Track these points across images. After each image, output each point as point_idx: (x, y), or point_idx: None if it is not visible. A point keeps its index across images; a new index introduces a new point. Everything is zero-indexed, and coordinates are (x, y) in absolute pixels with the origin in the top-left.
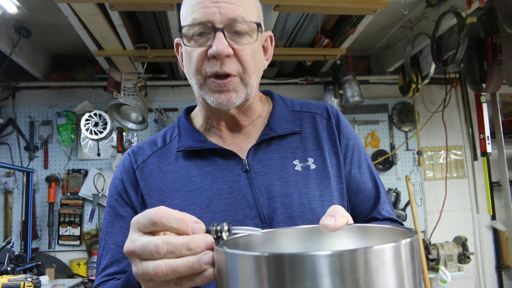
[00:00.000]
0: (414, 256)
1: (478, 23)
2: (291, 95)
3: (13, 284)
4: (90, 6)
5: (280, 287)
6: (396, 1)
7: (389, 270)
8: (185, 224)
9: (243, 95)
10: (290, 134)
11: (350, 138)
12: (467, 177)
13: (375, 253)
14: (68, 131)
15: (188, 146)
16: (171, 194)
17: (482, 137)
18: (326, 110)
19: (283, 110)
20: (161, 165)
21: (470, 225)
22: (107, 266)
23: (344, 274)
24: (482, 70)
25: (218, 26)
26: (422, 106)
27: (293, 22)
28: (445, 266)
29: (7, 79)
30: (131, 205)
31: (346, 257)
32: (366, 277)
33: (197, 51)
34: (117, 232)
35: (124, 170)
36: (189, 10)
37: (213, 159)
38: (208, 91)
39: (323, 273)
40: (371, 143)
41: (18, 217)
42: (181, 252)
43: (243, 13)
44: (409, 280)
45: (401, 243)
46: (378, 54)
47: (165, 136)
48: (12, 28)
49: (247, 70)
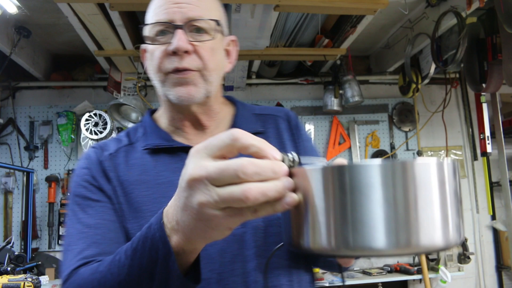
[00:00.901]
0: (456, 176)
1: (478, 23)
2: (291, 95)
3: (13, 284)
4: (90, 6)
5: (344, 191)
6: (396, 1)
7: (434, 183)
8: (266, 145)
9: (203, 90)
10: (254, 134)
11: (308, 140)
12: (467, 177)
13: (422, 166)
14: (68, 131)
15: (155, 145)
16: (139, 185)
17: (482, 137)
18: (286, 114)
19: (246, 112)
20: (128, 159)
21: (470, 225)
22: (83, 249)
23: (395, 182)
24: (482, 70)
25: (178, 24)
26: (422, 106)
27: (293, 22)
28: (445, 266)
29: (7, 79)
30: (104, 191)
31: (397, 166)
32: (414, 186)
33: (159, 50)
34: (91, 216)
35: (90, 162)
36: (152, 13)
37: (181, 156)
38: (169, 86)
39: (376, 179)
40: (371, 143)
41: (18, 217)
42: (267, 175)
43: (202, 12)
44: (451, 194)
45: (445, 161)
46: (378, 54)
47: (129, 135)
48: (12, 28)
49: (207, 66)
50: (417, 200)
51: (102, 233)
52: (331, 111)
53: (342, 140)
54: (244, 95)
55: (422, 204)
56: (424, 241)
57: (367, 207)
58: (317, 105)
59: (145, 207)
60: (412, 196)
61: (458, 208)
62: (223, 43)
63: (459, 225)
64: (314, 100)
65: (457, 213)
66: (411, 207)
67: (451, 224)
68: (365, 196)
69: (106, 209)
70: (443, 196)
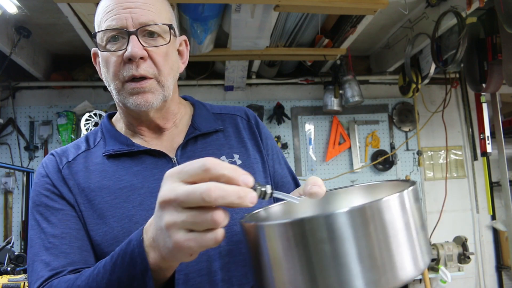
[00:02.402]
0: (418, 201)
1: (478, 23)
2: (291, 95)
3: (13, 284)
4: (90, 6)
5: (307, 247)
6: (396, 1)
7: (397, 217)
8: (237, 174)
9: (160, 97)
10: (214, 132)
11: (269, 138)
12: (467, 177)
13: (383, 204)
14: (68, 131)
15: (116, 150)
16: (100, 192)
17: (482, 137)
18: (245, 112)
19: (204, 112)
20: (87, 165)
21: (470, 225)
22: (51, 260)
23: (358, 227)
24: (482, 70)
25: (131, 30)
26: (422, 106)
27: (293, 22)
28: (445, 266)
29: (7, 79)
30: (66, 199)
31: (356, 213)
32: (380, 227)
33: (113, 57)
34: (56, 226)
35: (49, 170)
36: (102, 18)
37: (142, 159)
38: (127, 94)
39: (340, 229)
40: (371, 143)
41: (18, 217)
42: (231, 199)
43: (154, 17)
44: (416, 222)
45: (405, 192)
46: (378, 54)
47: (87, 140)
48: (12, 28)
49: (162, 72)
50: (387, 240)
51: (68, 242)
52: (331, 111)
53: (342, 140)
54: (244, 95)
55: (390, 243)
56: (395, 279)
57: (338, 262)
58: (317, 105)
59: (108, 213)
60: (381, 238)
61: (424, 231)
62: (175, 44)
63: (427, 247)
64: (314, 100)
65: (424, 237)
66: (383, 249)
67: (419, 251)
68: (333, 249)
69: (69, 217)
70: (408, 228)
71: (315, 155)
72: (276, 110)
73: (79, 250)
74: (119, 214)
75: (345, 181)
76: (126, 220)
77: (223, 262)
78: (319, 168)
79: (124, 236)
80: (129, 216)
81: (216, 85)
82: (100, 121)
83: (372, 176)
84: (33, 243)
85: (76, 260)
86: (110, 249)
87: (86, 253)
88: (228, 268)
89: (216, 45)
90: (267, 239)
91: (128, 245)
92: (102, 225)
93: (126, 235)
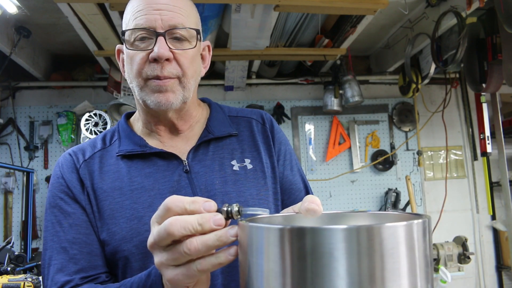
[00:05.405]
0: (426, 237)
1: (478, 23)
2: (291, 95)
3: (13, 284)
4: (90, 6)
5: (302, 258)
6: (396, 1)
7: (402, 248)
8: (197, 205)
9: (180, 97)
10: (227, 137)
11: (283, 143)
12: (467, 177)
13: (389, 229)
14: (68, 131)
15: (129, 151)
16: (112, 192)
17: (482, 137)
18: (261, 116)
19: (220, 115)
20: (102, 166)
21: (470, 225)
22: (64, 266)
23: (360, 248)
24: (482, 70)
25: (160, 31)
26: (422, 106)
27: (293, 22)
28: (445, 266)
29: (7, 79)
30: (78, 201)
31: (362, 232)
32: (381, 252)
33: (139, 55)
34: (67, 230)
35: (64, 170)
36: (132, 17)
37: (154, 161)
38: (149, 91)
39: (339, 245)
40: (371, 143)
41: (18, 217)
42: (192, 227)
43: (183, 20)
44: (420, 259)
45: (414, 223)
46: (378, 54)
47: (104, 139)
48: (12, 28)
49: (186, 74)
50: (384, 271)
51: (79, 247)
52: (331, 111)
53: (342, 140)
54: (244, 95)
55: (389, 275)
56: None
57: (329, 280)
58: (317, 105)
59: (117, 214)
60: (379, 266)
61: (428, 273)
62: (200, 49)
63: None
64: (314, 100)
65: (426, 279)
66: (377, 279)
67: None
68: (326, 266)
69: (80, 221)
70: (412, 264)
71: (315, 155)
72: (276, 110)
73: (88, 255)
74: (129, 215)
75: (345, 181)
76: (135, 221)
77: (224, 267)
78: (319, 168)
79: (133, 237)
80: (138, 217)
81: (216, 85)
82: (118, 121)
83: (372, 176)
84: (47, 245)
85: (86, 267)
86: (119, 249)
87: (96, 258)
88: (229, 272)
89: (216, 45)
90: (264, 242)
91: (148, 278)
92: (112, 225)
93: (135, 236)
